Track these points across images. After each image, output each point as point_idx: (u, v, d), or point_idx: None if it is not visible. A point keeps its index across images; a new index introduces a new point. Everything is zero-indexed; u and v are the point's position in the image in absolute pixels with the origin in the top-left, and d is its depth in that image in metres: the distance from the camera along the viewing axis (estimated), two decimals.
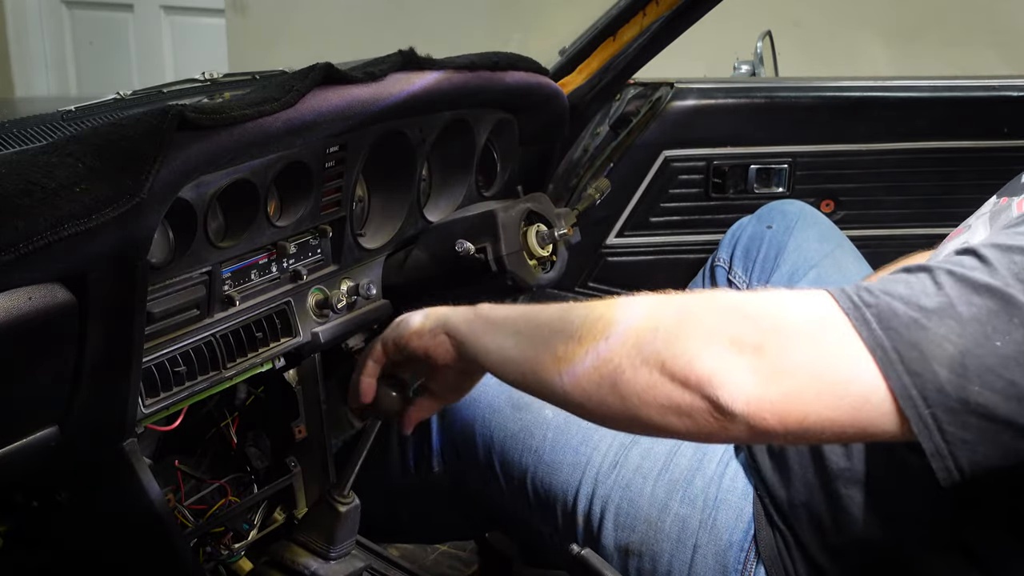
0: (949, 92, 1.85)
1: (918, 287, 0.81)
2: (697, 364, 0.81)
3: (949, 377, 0.77)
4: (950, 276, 0.80)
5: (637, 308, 0.88)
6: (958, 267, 0.81)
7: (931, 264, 0.83)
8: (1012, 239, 0.82)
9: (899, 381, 0.78)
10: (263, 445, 1.45)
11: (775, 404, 0.79)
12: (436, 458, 1.45)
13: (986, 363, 0.77)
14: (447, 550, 1.92)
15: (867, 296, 0.81)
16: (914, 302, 0.79)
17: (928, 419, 0.78)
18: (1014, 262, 0.79)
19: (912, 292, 0.80)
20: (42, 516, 1.17)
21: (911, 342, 0.78)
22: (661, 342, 0.83)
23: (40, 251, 0.88)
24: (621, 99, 1.88)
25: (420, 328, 1.06)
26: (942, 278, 0.80)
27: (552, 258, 1.46)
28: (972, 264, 0.81)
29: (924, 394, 0.77)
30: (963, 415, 0.78)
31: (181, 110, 0.98)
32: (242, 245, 1.21)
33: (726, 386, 0.79)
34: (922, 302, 0.79)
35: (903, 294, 0.80)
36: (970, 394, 0.77)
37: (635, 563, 1.24)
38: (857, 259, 1.63)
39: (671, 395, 0.82)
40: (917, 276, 0.82)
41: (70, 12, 4.85)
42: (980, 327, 0.77)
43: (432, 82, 1.32)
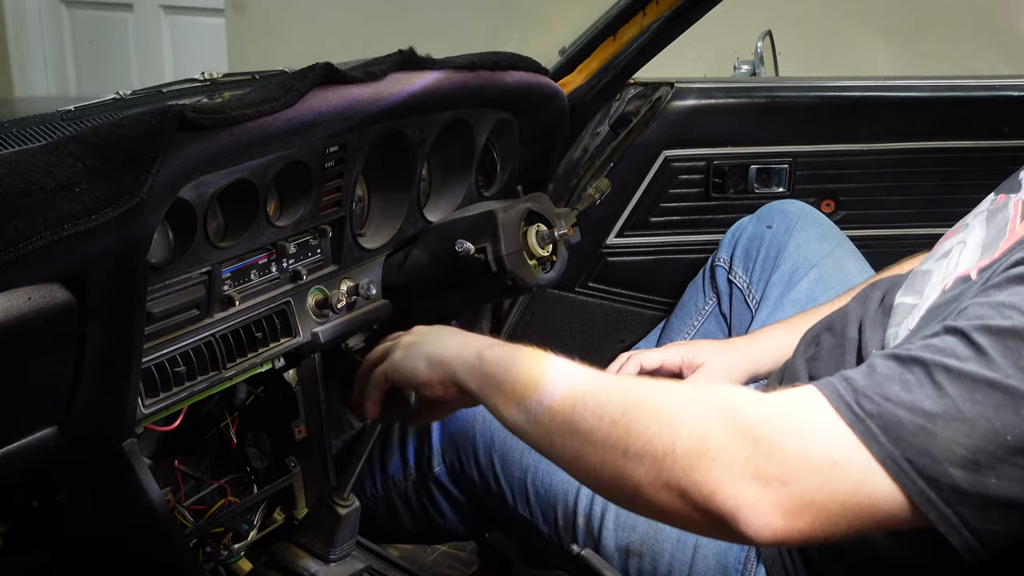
0: (949, 92, 1.85)
1: (917, 389, 0.81)
2: (720, 498, 0.81)
3: (964, 476, 0.78)
4: (947, 373, 0.80)
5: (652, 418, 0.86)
6: (953, 360, 0.81)
7: (924, 357, 0.82)
8: (1001, 318, 0.81)
9: (916, 488, 0.79)
10: (263, 445, 1.45)
11: (802, 531, 0.81)
12: (436, 459, 1.45)
13: (999, 456, 0.77)
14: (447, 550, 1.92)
15: (868, 405, 0.81)
16: (917, 407, 0.80)
17: (952, 518, 0.79)
18: (1009, 348, 0.79)
19: (912, 396, 0.80)
20: (42, 516, 1.17)
21: (921, 450, 0.79)
22: (681, 470, 0.83)
23: (40, 251, 0.88)
24: (621, 99, 1.88)
25: (429, 379, 1.10)
26: (940, 376, 0.80)
27: (552, 258, 1.46)
28: (966, 354, 0.81)
29: (943, 497, 0.78)
30: (986, 508, 0.79)
31: (181, 110, 0.98)
32: (242, 245, 1.21)
33: (752, 523, 0.80)
34: (925, 406, 0.80)
35: (904, 400, 0.80)
36: (989, 488, 0.78)
37: (635, 563, 1.24)
38: (857, 259, 1.63)
39: (694, 519, 0.83)
40: (913, 372, 0.82)
41: (70, 12, 4.85)
42: (988, 424, 0.78)
43: (432, 82, 1.32)
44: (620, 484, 0.87)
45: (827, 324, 1.25)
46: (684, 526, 0.86)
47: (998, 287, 0.85)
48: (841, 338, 1.17)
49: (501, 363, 1.01)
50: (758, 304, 1.61)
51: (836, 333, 1.20)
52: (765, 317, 1.56)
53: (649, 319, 1.90)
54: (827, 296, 1.51)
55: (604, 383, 0.93)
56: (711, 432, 0.83)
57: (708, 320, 1.69)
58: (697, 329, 1.70)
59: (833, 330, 1.21)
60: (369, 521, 1.52)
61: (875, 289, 1.23)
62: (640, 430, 0.85)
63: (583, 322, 1.91)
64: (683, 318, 1.73)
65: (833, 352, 1.17)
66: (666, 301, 1.88)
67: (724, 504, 0.81)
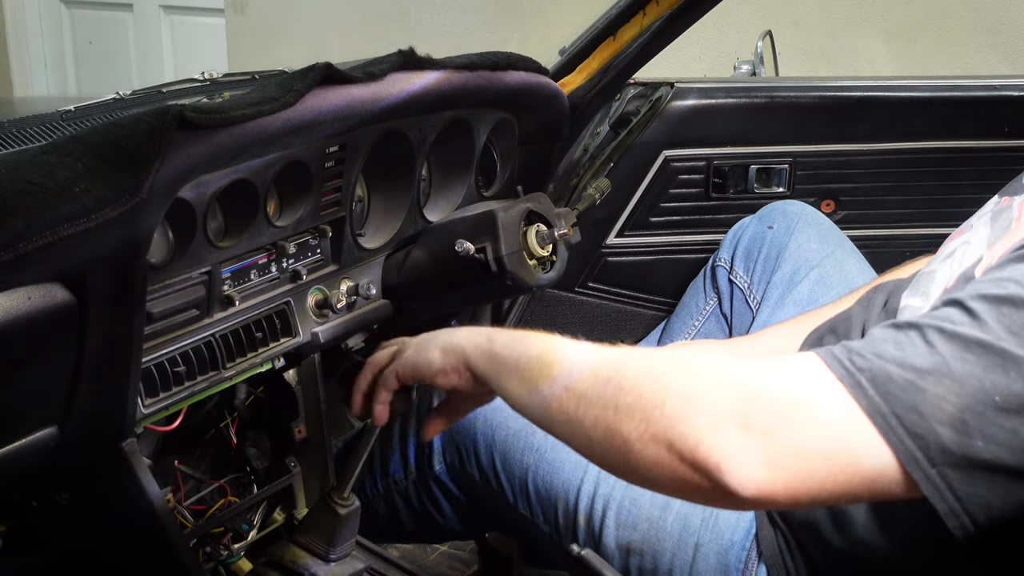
0: (949, 92, 1.85)
1: (909, 347, 0.81)
2: (705, 448, 0.81)
3: (951, 436, 0.78)
4: (940, 334, 0.80)
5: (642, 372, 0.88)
6: (947, 323, 0.81)
7: (920, 321, 0.83)
8: (998, 288, 0.82)
9: (902, 445, 0.78)
10: (263, 445, 1.45)
11: (786, 486, 0.80)
12: (436, 458, 1.45)
13: (987, 418, 0.77)
14: (447, 550, 1.92)
15: (860, 360, 0.81)
16: (908, 363, 0.80)
17: (936, 479, 0.78)
18: (1003, 314, 0.80)
19: (904, 354, 0.80)
20: (42, 516, 1.17)
21: (909, 405, 0.78)
22: (668, 420, 0.83)
23: (40, 251, 0.88)
24: (621, 99, 1.88)
25: (443, 367, 1.09)
26: (932, 336, 0.81)
27: (552, 258, 1.46)
28: (961, 319, 0.81)
29: (929, 455, 0.78)
30: (971, 471, 0.78)
31: (181, 110, 0.98)
32: (242, 245, 1.21)
33: (736, 473, 0.80)
34: (916, 363, 0.80)
35: (896, 356, 0.81)
36: (975, 450, 0.78)
37: (636, 562, 1.24)
38: (858, 259, 1.63)
39: (680, 473, 0.83)
40: (907, 334, 0.82)
41: (69, 12, 4.85)
42: (977, 383, 0.78)
43: (432, 82, 1.32)
44: (611, 441, 0.87)
45: (831, 327, 1.25)
46: (673, 487, 0.86)
47: (999, 267, 0.86)
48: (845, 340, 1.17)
49: (510, 343, 1.02)
50: (759, 304, 1.61)
51: (840, 335, 1.20)
52: (766, 317, 1.56)
53: (649, 319, 1.90)
54: (828, 296, 1.51)
55: (608, 352, 0.94)
56: (699, 383, 0.84)
57: (709, 320, 1.69)
58: (698, 329, 1.70)
59: (837, 333, 1.21)
60: (369, 521, 1.52)
61: (878, 292, 1.23)
62: (631, 385, 0.86)
63: (583, 322, 1.91)
64: (684, 318, 1.73)
65: None
66: (666, 301, 1.88)
67: (709, 454, 0.81)
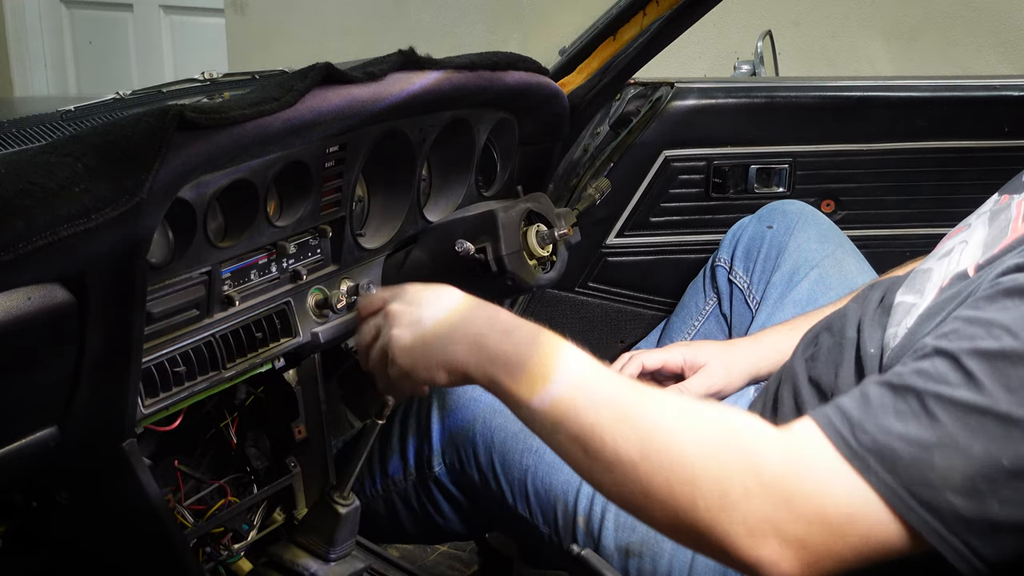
0: (949, 92, 1.85)
1: (911, 419, 0.81)
2: (741, 552, 0.83)
3: (966, 504, 0.78)
4: (939, 401, 0.81)
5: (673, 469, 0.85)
6: (944, 387, 0.81)
7: (917, 385, 0.82)
8: (992, 339, 0.81)
9: (919, 519, 0.79)
10: (263, 445, 1.45)
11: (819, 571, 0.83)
12: (436, 459, 1.45)
13: (998, 482, 0.78)
14: (447, 550, 1.92)
15: (864, 438, 0.82)
16: (912, 438, 0.80)
17: (958, 546, 0.79)
18: (999, 372, 0.80)
19: (907, 427, 0.81)
20: (42, 516, 1.17)
21: (920, 479, 0.79)
22: (702, 522, 0.84)
23: (40, 251, 0.88)
24: (621, 99, 1.88)
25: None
26: (932, 405, 0.81)
27: (552, 258, 1.46)
28: (957, 380, 0.81)
29: (947, 525, 0.79)
30: (992, 534, 0.79)
31: (180, 110, 0.97)
32: (242, 245, 1.21)
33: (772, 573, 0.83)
34: (920, 437, 0.80)
35: (899, 431, 0.81)
36: (992, 514, 0.78)
37: (635, 563, 1.24)
38: (858, 259, 1.63)
39: (714, 555, 0.86)
40: (906, 401, 0.82)
41: (69, 12, 4.85)
42: (983, 450, 0.78)
43: (432, 82, 1.32)
44: (636, 513, 0.89)
45: (826, 324, 1.25)
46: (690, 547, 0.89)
47: (988, 299, 0.85)
48: (840, 337, 1.17)
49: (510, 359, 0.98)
50: (758, 304, 1.60)
51: (835, 332, 1.20)
52: (765, 317, 1.56)
53: (649, 319, 1.90)
54: (828, 296, 1.51)
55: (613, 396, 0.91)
56: (732, 489, 0.83)
57: (709, 320, 1.69)
58: (698, 329, 1.70)
59: (832, 330, 1.21)
60: (369, 521, 1.52)
61: (874, 290, 1.23)
62: (661, 481, 0.85)
63: (583, 322, 1.91)
64: (683, 318, 1.73)
65: (832, 352, 1.17)
66: (666, 301, 1.88)
67: (744, 557, 0.83)
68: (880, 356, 1.07)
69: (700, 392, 1.40)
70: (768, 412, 1.23)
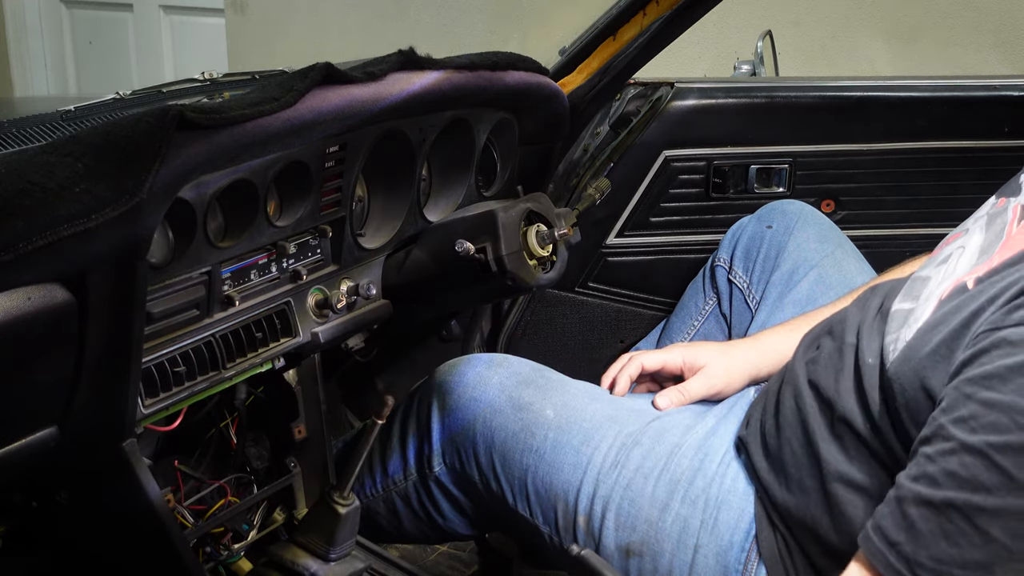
0: (949, 92, 1.85)
1: (963, 540, 0.82)
2: None
3: None
4: (984, 515, 0.81)
5: None
6: (984, 497, 0.82)
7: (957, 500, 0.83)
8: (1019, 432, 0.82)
9: None
10: (263, 445, 1.45)
11: None
12: (436, 459, 1.45)
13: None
14: (447, 550, 1.92)
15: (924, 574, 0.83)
16: (971, 561, 0.82)
17: None
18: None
19: (962, 552, 0.82)
20: (42, 516, 1.17)
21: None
22: None
23: (39, 251, 0.88)
24: (621, 99, 1.88)
25: None
26: (979, 521, 0.81)
27: (552, 258, 1.46)
28: (995, 484, 0.81)
29: None
30: None
31: (181, 110, 0.97)
32: (242, 245, 1.21)
33: None
34: (977, 558, 0.82)
35: (956, 557, 0.82)
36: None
37: (636, 563, 1.24)
38: (858, 259, 1.63)
39: None
40: (953, 522, 0.83)
41: (69, 12, 4.85)
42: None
43: (432, 82, 1.32)
44: None
45: (827, 327, 1.25)
46: None
47: (1001, 377, 0.85)
48: (840, 342, 1.17)
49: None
50: (758, 304, 1.60)
51: (836, 337, 1.20)
52: (765, 317, 1.56)
53: (649, 319, 1.90)
54: (827, 296, 1.51)
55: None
56: None
57: (708, 320, 1.69)
58: (697, 329, 1.70)
59: (833, 334, 1.21)
60: (369, 521, 1.52)
61: (875, 295, 1.23)
62: None
63: (583, 322, 1.91)
64: (683, 318, 1.73)
65: (832, 357, 1.17)
66: (666, 301, 1.88)
67: None
68: (879, 366, 1.07)
69: (700, 394, 1.40)
70: (769, 414, 1.23)
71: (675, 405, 1.38)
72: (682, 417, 1.34)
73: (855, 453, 1.09)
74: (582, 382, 1.45)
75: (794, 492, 1.15)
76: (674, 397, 1.39)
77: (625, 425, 1.32)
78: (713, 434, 1.29)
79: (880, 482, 1.06)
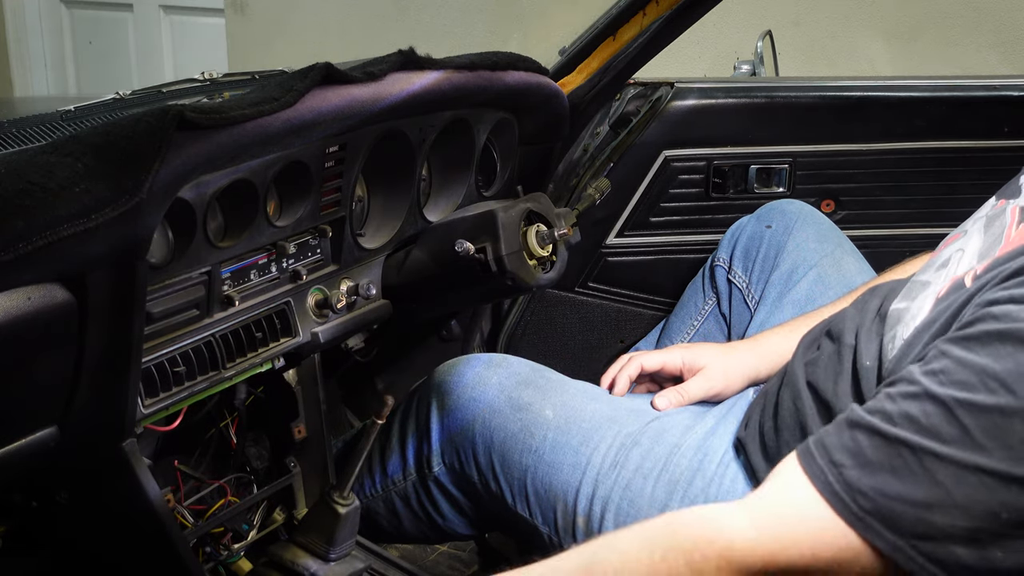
0: (949, 92, 1.85)
1: (909, 479, 0.83)
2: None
3: (969, 553, 0.81)
4: (935, 459, 0.82)
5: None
6: (939, 445, 0.82)
7: (912, 439, 0.83)
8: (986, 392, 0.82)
9: (927, 571, 0.82)
10: (263, 445, 1.45)
11: None
12: (435, 459, 1.45)
13: (999, 532, 0.80)
14: (447, 550, 1.92)
15: (865, 503, 0.84)
16: (912, 498, 0.82)
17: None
18: (996, 427, 0.81)
19: (905, 488, 0.83)
20: (42, 516, 1.17)
21: (923, 535, 0.82)
22: None
23: (39, 251, 0.88)
24: (621, 99, 1.88)
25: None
26: (929, 463, 0.82)
27: (552, 258, 1.46)
28: (952, 436, 0.82)
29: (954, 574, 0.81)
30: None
31: (180, 110, 0.98)
32: (242, 245, 1.21)
33: None
34: (919, 496, 0.82)
35: (899, 492, 0.83)
36: (996, 561, 0.80)
37: None
38: (857, 259, 1.63)
39: None
40: (903, 457, 0.83)
41: (69, 12, 4.85)
42: (982, 505, 0.80)
43: (432, 82, 1.32)
44: None
45: (826, 327, 1.25)
46: None
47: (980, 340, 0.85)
48: (839, 344, 1.17)
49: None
50: (757, 304, 1.60)
51: (835, 338, 1.20)
52: (764, 317, 1.56)
53: (649, 319, 1.90)
54: (826, 296, 1.51)
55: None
56: None
57: (708, 320, 1.69)
58: (697, 329, 1.70)
59: (832, 335, 1.21)
60: (369, 521, 1.52)
61: (874, 296, 1.23)
62: None
63: (583, 322, 1.91)
64: (683, 318, 1.73)
65: (831, 359, 1.17)
66: (666, 301, 1.88)
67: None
68: (877, 368, 1.07)
69: (699, 395, 1.40)
70: (768, 415, 1.23)
71: (674, 406, 1.38)
72: (681, 418, 1.35)
73: None
74: (581, 382, 1.45)
75: None
76: (673, 398, 1.39)
77: (624, 425, 1.32)
78: (712, 435, 1.29)
79: None
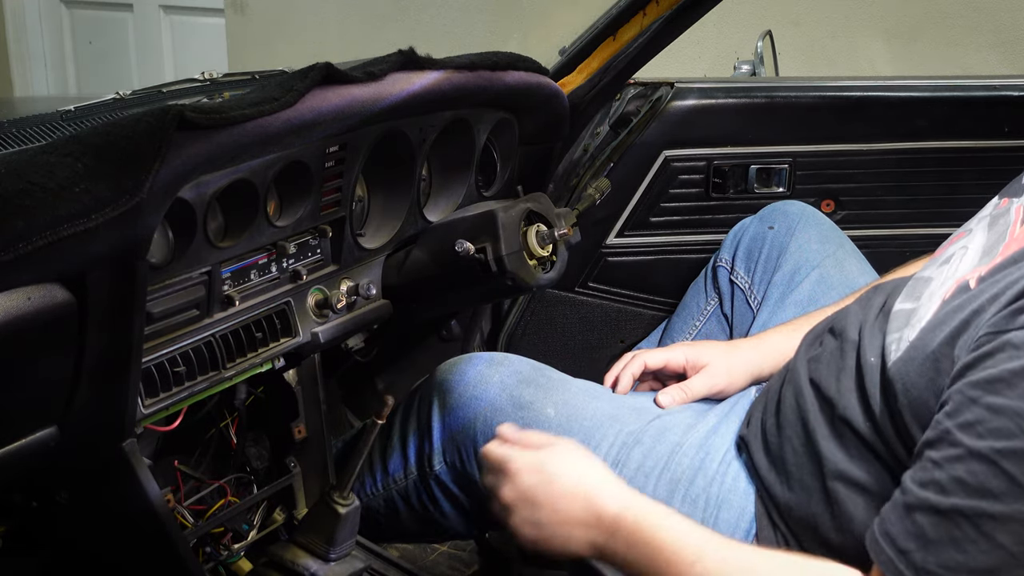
0: (949, 92, 1.85)
1: (970, 546, 0.83)
2: None
3: None
4: (991, 521, 0.82)
5: None
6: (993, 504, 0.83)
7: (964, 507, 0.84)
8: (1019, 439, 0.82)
9: None
10: (263, 445, 1.45)
11: None
12: (436, 457, 1.45)
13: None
14: (447, 550, 1.91)
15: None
16: (977, 568, 0.83)
17: None
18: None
19: (968, 557, 0.83)
20: (42, 516, 1.17)
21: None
22: None
23: (39, 251, 0.88)
24: (621, 99, 1.88)
25: None
26: (986, 527, 0.83)
27: (552, 258, 1.46)
28: (1002, 490, 0.82)
29: None
30: None
31: (180, 110, 0.97)
32: (242, 245, 1.21)
33: None
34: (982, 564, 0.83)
35: (962, 562, 0.84)
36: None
37: None
38: (859, 260, 1.63)
39: None
40: (961, 528, 0.84)
41: (69, 12, 4.85)
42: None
43: (432, 82, 1.32)
44: None
45: (829, 324, 1.25)
46: None
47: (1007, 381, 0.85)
48: (842, 340, 1.17)
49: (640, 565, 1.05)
50: (759, 305, 1.61)
51: (838, 334, 1.20)
52: (766, 318, 1.56)
53: (650, 319, 1.90)
54: (829, 297, 1.51)
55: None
56: None
57: (710, 320, 1.69)
58: (699, 330, 1.70)
59: (835, 331, 1.21)
60: (369, 520, 1.52)
61: (877, 293, 1.23)
62: None
63: (583, 322, 1.91)
64: (684, 318, 1.73)
65: (834, 355, 1.17)
66: (667, 301, 1.88)
67: None
68: (880, 365, 1.07)
69: (702, 392, 1.40)
70: (770, 412, 1.23)
71: (677, 403, 1.38)
72: (683, 416, 1.35)
73: (856, 451, 1.09)
74: (583, 381, 1.45)
75: (795, 490, 1.15)
76: (676, 395, 1.39)
77: (626, 424, 1.32)
78: (714, 433, 1.29)
79: (880, 480, 1.06)
